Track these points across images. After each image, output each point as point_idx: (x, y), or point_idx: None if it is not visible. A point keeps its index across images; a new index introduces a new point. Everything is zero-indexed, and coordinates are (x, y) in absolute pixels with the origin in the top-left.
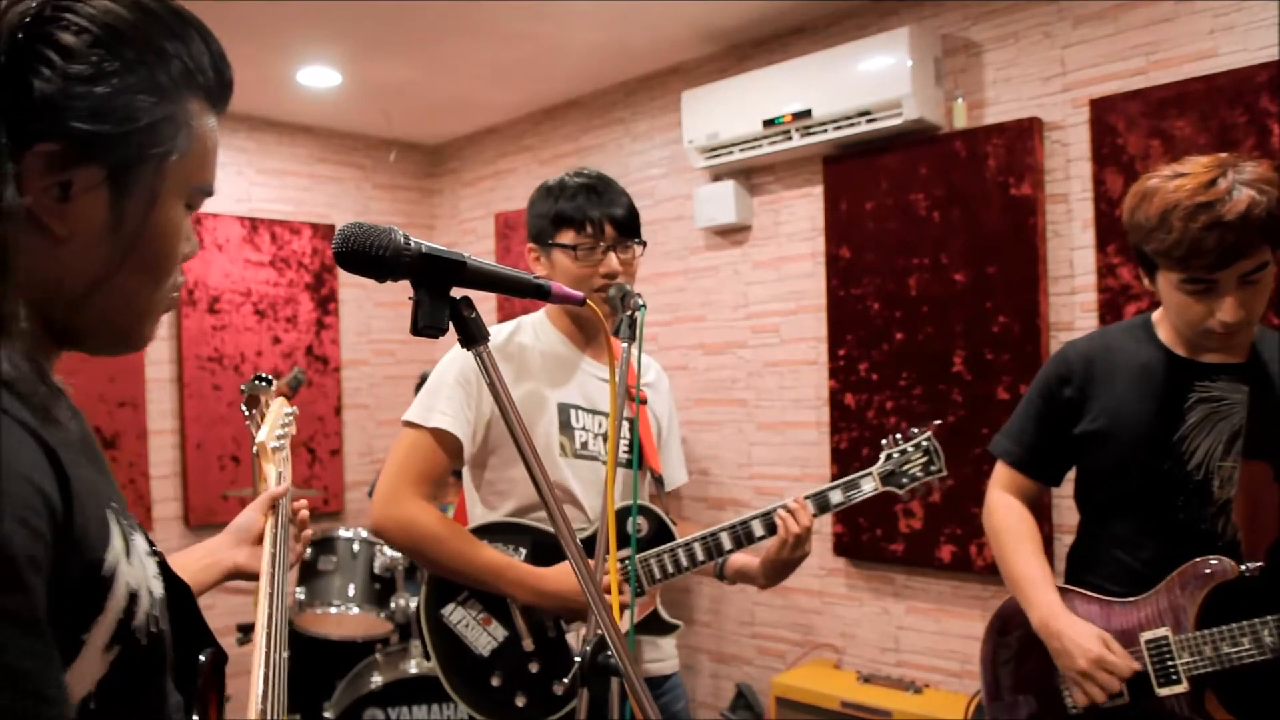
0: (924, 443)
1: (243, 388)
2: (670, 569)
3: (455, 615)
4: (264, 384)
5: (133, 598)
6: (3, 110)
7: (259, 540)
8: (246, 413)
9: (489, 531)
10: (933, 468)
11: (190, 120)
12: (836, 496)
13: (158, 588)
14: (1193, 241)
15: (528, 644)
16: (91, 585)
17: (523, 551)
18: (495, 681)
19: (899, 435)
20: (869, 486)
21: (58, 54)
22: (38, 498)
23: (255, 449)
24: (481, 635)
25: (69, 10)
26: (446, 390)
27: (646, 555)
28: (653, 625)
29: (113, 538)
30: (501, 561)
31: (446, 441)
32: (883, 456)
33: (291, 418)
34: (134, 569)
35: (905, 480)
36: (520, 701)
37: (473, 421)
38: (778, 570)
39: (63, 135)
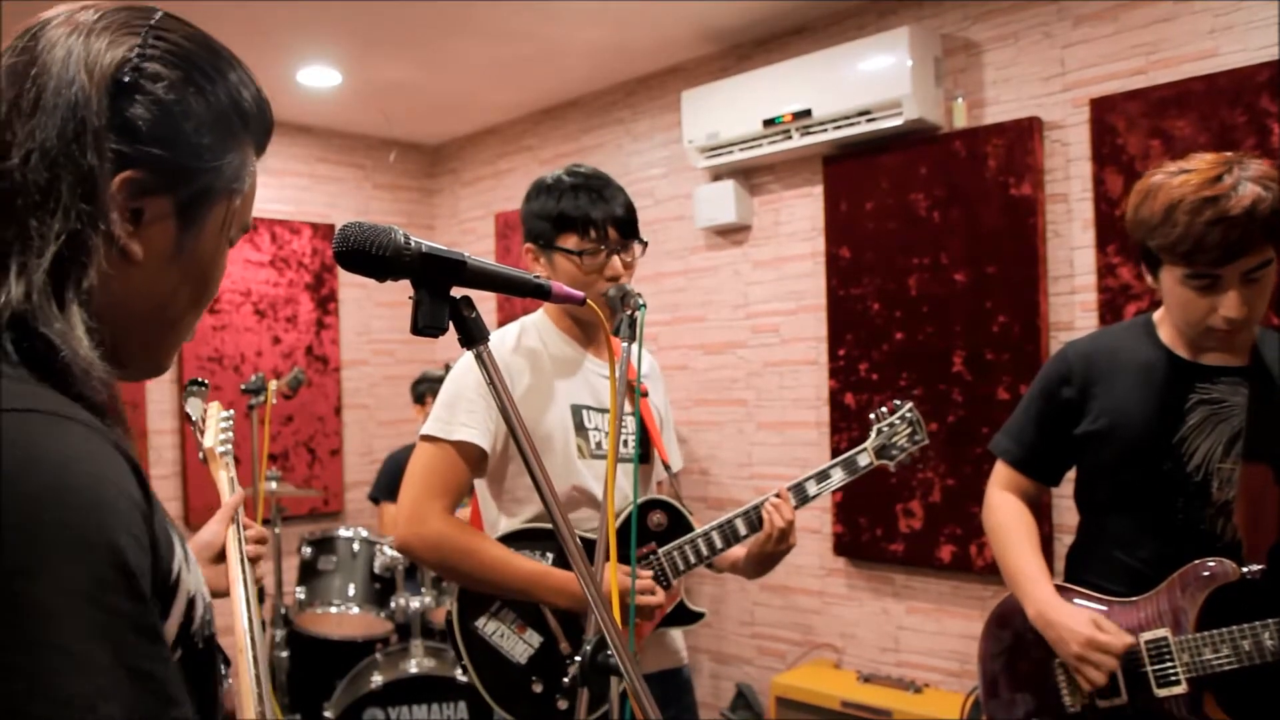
0: (908, 414)
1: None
2: (692, 559)
3: (489, 627)
4: (200, 388)
5: (191, 603)
6: (104, 139)
7: (219, 557)
8: (192, 418)
9: (513, 540)
10: (917, 437)
11: (248, 163)
12: (812, 488)
13: (208, 594)
14: (1198, 236)
15: (564, 646)
16: (163, 593)
17: (550, 556)
18: (537, 688)
19: (884, 410)
20: (865, 461)
21: (154, 87)
22: (137, 511)
23: (202, 455)
24: (518, 644)
25: (164, 52)
26: (465, 402)
27: (670, 548)
28: (681, 616)
29: (176, 546)
30: (537, 570)
31: (469, 453)
32: (873, 432)
33: (230, 421)
34: (192, 575)
35: (895, 452)
36: (563, 705)
37: (494, 431)
38: (761, 562)
39: (147, 164)
